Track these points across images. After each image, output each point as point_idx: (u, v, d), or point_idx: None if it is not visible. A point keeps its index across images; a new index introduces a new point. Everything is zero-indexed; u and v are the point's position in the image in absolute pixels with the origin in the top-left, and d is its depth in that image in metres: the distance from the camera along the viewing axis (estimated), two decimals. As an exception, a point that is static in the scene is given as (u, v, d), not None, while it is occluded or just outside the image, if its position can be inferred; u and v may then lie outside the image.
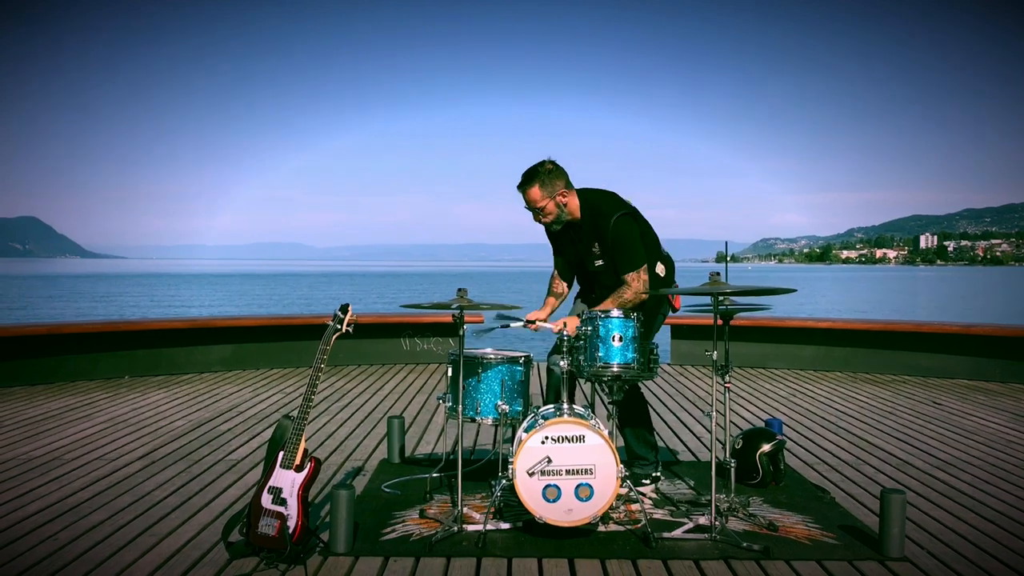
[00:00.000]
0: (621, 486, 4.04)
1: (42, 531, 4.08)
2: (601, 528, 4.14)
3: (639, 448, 4.95)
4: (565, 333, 4.44)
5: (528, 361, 4.56)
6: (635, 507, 4.43)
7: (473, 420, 4.50)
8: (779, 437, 5.05)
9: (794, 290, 4.38)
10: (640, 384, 4.91)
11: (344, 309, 3.95)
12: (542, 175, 4.66)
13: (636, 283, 4.65)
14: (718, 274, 4.12)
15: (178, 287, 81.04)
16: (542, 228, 4.95)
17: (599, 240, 4.75)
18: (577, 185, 4.82)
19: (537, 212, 4.76)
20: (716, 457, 4.18)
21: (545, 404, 4.58)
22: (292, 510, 3.63)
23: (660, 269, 4.85)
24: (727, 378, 4.45)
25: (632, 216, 4.76)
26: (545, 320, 4.87)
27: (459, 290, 4.26)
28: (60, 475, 5.13)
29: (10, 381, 8.58)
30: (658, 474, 4.96)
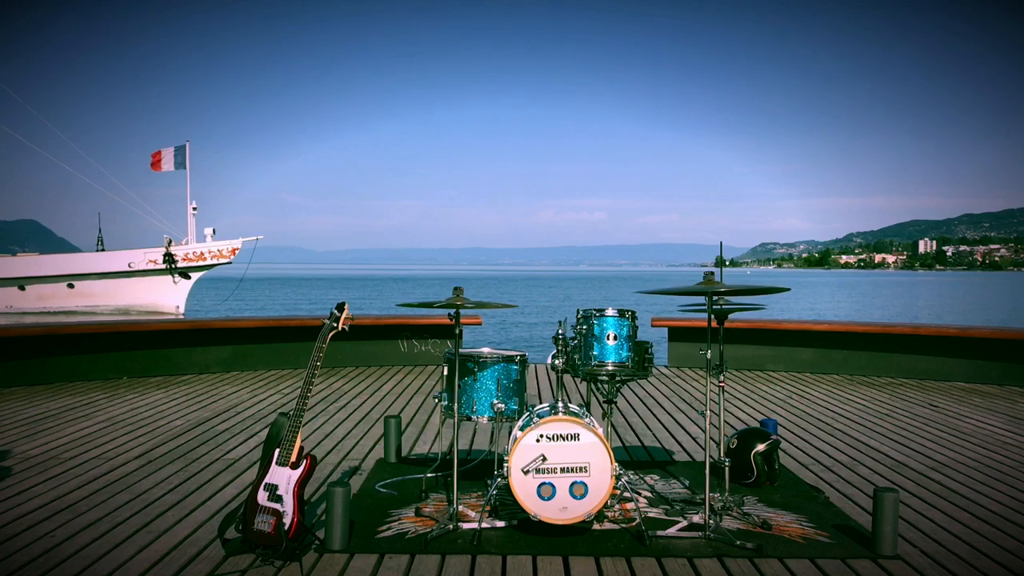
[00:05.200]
0: (616, 484, 4.06)
1: (39, 528, 4.10)
2: (596, 526, 4.16)
3: None
4: (560, 331, 4.45)
5: (523, 360, 4.58)
6: (630, 505, 4.45)
7: (469, 419, 4.52)
8: (773, 437, 5.07)
9: (787, 289, 4.40)
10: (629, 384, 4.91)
11: (340, 307, 3.97)
12: None
13: None
14: (712, 274, 4.14)
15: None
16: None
17: None
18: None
19: None
20: (710, 456, 4.20)
21: None
22: (288, 507, 3.65)
23: None
24: (721, 377, 4.47)
25: None
26: None
27: (455, 289, 4.28)
28: (57, 473, 5.14)
29: (9, 381, 8.59)
30: None
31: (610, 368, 4.43)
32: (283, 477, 3.70)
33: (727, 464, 4.52)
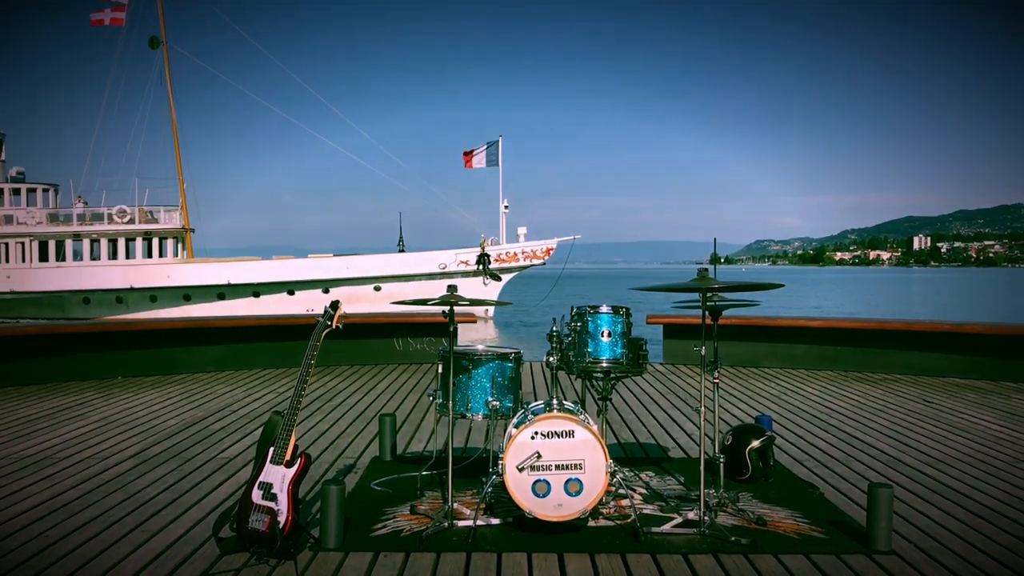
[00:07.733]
0: (611, 481, 4.06)
1: (33, 528, 4.09)
2: (591, 523, 4.16)
3: None
4: (554, 328, 4.45)
5: (518, 357, 4.58)
6: (625, 502, 4.44)
7: (464, 416, 4.52)
8: (768, 433, 5.08)
9: (781, 285, 4.40)
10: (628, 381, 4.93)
11: (334, 305, 3.96)
12: None
13: None
14: (706, 270, 4.14)
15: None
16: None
17: None
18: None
19: None
20: (705, 453, 4.21)
21: None
22: (282, 505, 3.64)
23: None
24: (716, 374, 4.47)
25: None
26: None
27: (449, 287, 4.28)
28: (52, 473, 5.13)
29: (3, 381, 8.56)
30: None
31: (605, 365, 4.43)
32: (278, 476, 3.69)
33: (722, 460, 4.53)
